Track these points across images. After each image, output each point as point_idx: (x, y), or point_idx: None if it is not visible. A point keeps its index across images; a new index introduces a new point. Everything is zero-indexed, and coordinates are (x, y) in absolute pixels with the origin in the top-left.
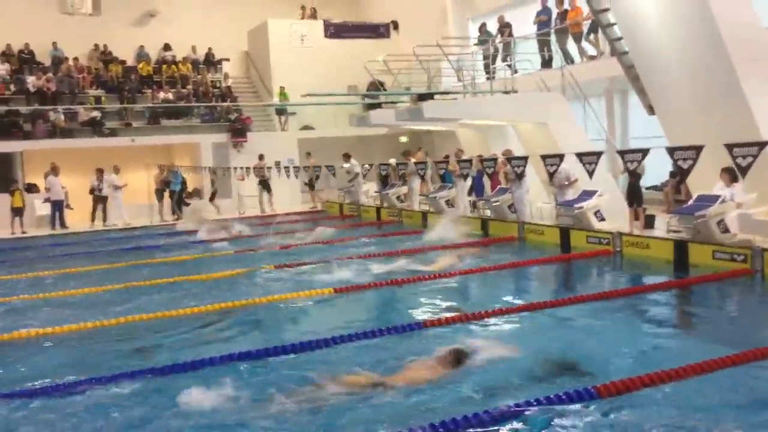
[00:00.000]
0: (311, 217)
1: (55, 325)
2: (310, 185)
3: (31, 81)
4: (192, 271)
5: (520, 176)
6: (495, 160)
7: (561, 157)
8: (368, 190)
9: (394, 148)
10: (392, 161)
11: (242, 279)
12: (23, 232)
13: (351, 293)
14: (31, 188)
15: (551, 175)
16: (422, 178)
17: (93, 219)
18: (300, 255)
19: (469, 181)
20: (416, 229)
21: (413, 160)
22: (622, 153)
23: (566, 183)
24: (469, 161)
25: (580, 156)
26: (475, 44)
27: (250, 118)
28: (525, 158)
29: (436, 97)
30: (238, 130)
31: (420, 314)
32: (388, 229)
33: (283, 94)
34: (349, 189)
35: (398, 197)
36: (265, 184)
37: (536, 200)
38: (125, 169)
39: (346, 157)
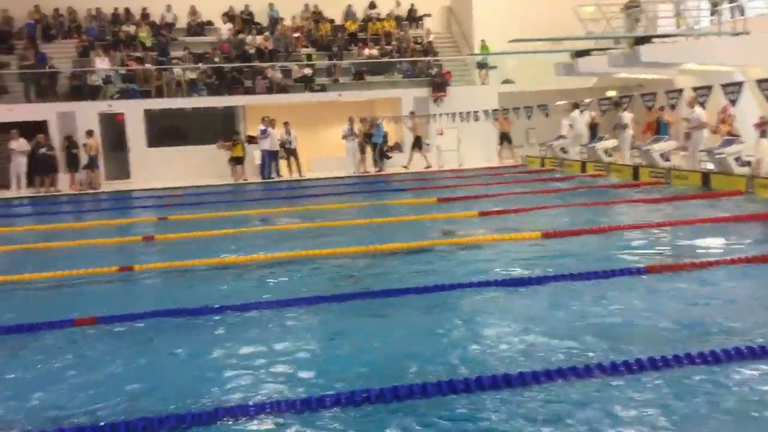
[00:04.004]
0: (511, 170)
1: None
2: (507, 140)
3: (251, 40)
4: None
5: None
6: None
7: None
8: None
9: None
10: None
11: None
12: (244, 179)
13: (560, 238)
14: (251, 140)
15: None
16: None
17: (290, 170)
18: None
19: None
20: (627, 182)
21: (625, 112)
22: None
23: None
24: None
25: None
26: None
27: (450, 73)
28: None
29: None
30: (439, 85)
31: (641, 260)
32: (594, 182)
33: (484, 47)
34: (551, 143)
35: (605, 150)
36: (418, 141)
37: None
38: (331, 122)
39: (574, 106)
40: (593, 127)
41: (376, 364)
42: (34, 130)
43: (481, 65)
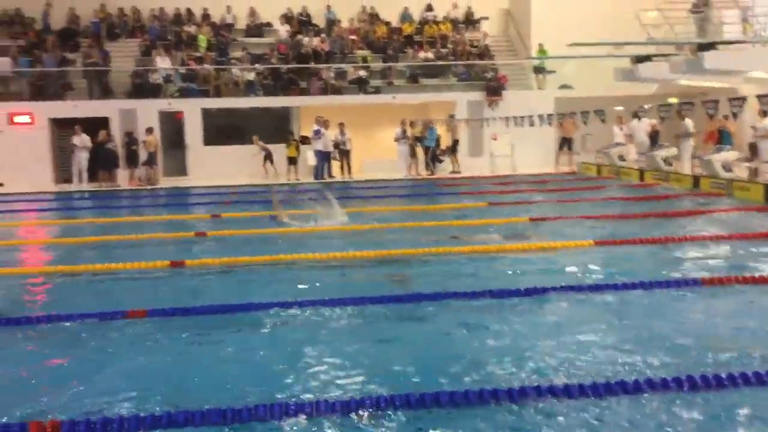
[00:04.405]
0: (567, 178)
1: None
2: (568, 145)
3: (307, 42)
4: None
5: None
6: None
7: None
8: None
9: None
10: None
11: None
12: (297, 179)
13: (614, 246)
14: (305, 140)
15: None
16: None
17: (342, 171)
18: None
19: None
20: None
21: (688, 119)
22: None
23: None
24: None
25: None
26: None
27: (506, 77)
28: None
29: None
30: (494, 89)
31: (696, 272)
32: (651, 191)
33: (542, 51)
34: (608, 150)
35: (665, 159)
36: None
37: None
38: (384, 124)
39: (633, 115)
40: (654, 135)
41: (417, 367)
42: (96, 126)
43: (538, 69)
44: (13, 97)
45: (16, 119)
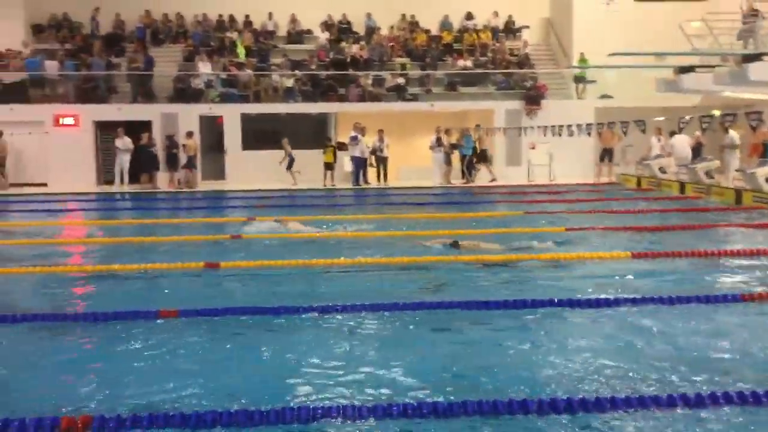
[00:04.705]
0: (605, 188)
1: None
2: (608, 156)
3: (347, 49)
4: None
5: None
6: None
7: None
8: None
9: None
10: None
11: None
12: (332, 185)
13: (651, 259)
14: (341, 146)
15: None
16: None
17: (378, 178)
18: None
19: None
20: (727, 206)
21: (733, 131)
22: None
23: None
24: None
25: None
26: None
27: (546, 86)
28: None
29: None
30: (533, 98)
31: (736, 287)
32: (692, 204)
33: (583, 60)
34: (648, 162)
35: (707, 172)
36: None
37: None
38: (421, 132)
39: (672, 133)
40: (697, 147)
41: (450, 375)
42: (138, 129)
43: (579, 79)
44: (59, 99)
45: (62, 121)
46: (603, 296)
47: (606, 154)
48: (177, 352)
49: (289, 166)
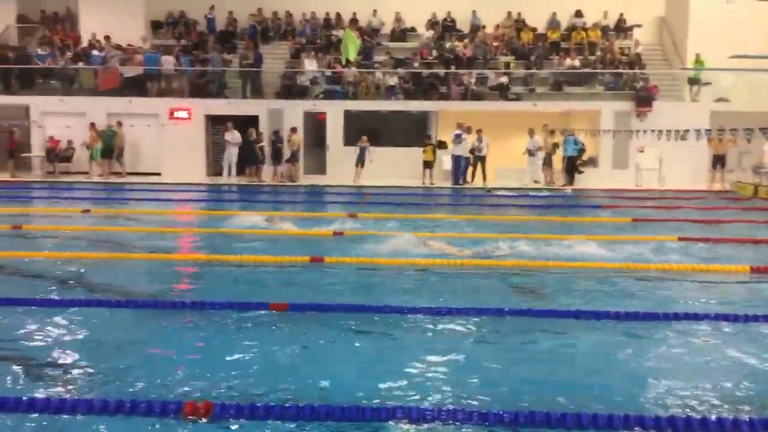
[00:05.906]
0: (719, 197)
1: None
2: (721, 163)
3: (450, 47)
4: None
5: None
6: None
7: None
8: None
9: None
10: None
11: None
12: (431, 183)
13: None
14: (441, 145)
15: None
16: None
17: (473, 178)
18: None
19: None
20: None
21: None
22: None
23: None
24: None
25: None
26: None
27: (657, 87)
28: None
29: None
30: (643, 99)
31: None
32: None
33: (699, 61)
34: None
35: None
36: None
37: None
38: (522, 131)
39: None
40: None
41: (546, 385)
42: (245, 123)
43: (693, 81)
44: (174, 94)
45: (176, 114)
46: (720, 311)
47: (718, 161)
48: (281, 344)
49: (359, 162)
